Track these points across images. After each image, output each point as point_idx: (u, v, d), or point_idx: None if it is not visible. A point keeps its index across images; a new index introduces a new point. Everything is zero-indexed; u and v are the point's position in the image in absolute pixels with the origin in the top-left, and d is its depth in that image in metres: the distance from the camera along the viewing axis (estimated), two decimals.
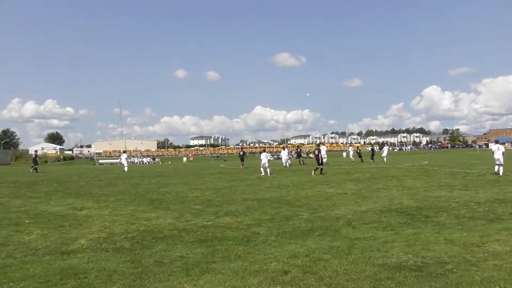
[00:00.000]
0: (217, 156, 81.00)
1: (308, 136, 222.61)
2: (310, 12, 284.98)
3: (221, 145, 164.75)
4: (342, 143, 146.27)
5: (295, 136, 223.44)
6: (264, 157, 23.56)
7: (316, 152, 21.93)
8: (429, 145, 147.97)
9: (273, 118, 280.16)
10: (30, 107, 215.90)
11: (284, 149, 33.56)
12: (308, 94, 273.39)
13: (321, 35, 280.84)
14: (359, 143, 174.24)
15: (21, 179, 23.82)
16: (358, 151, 39.00)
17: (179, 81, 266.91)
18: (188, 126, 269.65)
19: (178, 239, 6.69)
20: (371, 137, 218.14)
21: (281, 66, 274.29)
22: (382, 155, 34.63)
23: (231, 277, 4.61)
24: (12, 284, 4.52)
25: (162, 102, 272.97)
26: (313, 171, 21.05)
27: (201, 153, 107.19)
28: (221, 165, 39.45)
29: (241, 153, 32.99)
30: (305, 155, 44.61)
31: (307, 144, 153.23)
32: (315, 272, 4.71)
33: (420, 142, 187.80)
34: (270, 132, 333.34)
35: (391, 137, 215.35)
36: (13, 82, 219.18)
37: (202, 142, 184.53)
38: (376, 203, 10.19)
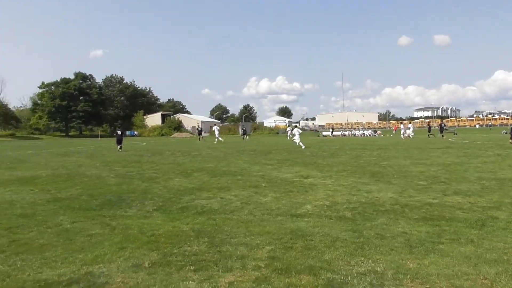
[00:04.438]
0: (445, 129, 73.64)
1: None
2: None
3: (451, 116, 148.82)
4: None
5: None
6: (296, 132, 27.60)
7: None
8: None
9: None
10: (264, 84, 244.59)
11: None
12: None
13: None
14: None
15: (258, 148, 27.46)
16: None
17: (402, 49, 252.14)
18: (411, 96, 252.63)
19: (401, 215, 6.47)
20: None
21: None
22: None
23: (461, 262, 4.17)
24: (253, 237, 5.32)
25: (384, 73, 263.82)
26: None
27: (426, 125, 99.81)
28: (449, 139, 35.82)
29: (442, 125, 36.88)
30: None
31: None
32: None
33: None
34: None
35: None
36: (251, 63, 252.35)
37: (428, 113, 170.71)
38: None
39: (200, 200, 8.14)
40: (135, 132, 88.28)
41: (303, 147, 25.42)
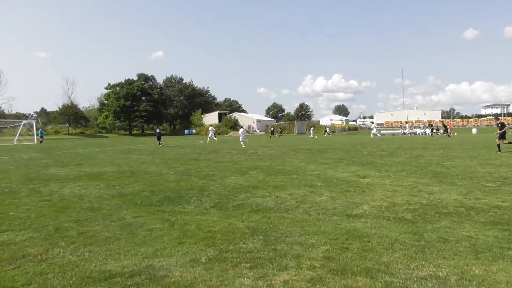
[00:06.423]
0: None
1: None
2: None
3: None
4: None
5: None
6: (242, 133, 31.12)
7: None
8: None
9: None
10: (320, 83, 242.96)
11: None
12: None
13: None
14: None
15: (314, 147, 27.18)
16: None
17: (468, 43, 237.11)
18: (478, 93, 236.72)
19: (465, 218, 6.10)
20: None
21: None
22: None
23: None
24: (308, 236, 5.27)
25: (448, 69, 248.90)
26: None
27: (494, 124, 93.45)
28: None
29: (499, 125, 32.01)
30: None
31: None
32: None
33: None
34: None
35: None
36: (307, 61, 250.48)
37: (497, 111, 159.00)
38: None
39: (256, 198, 8.21)
40: (193, 131, 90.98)
41: (243, 146, 28.77)
